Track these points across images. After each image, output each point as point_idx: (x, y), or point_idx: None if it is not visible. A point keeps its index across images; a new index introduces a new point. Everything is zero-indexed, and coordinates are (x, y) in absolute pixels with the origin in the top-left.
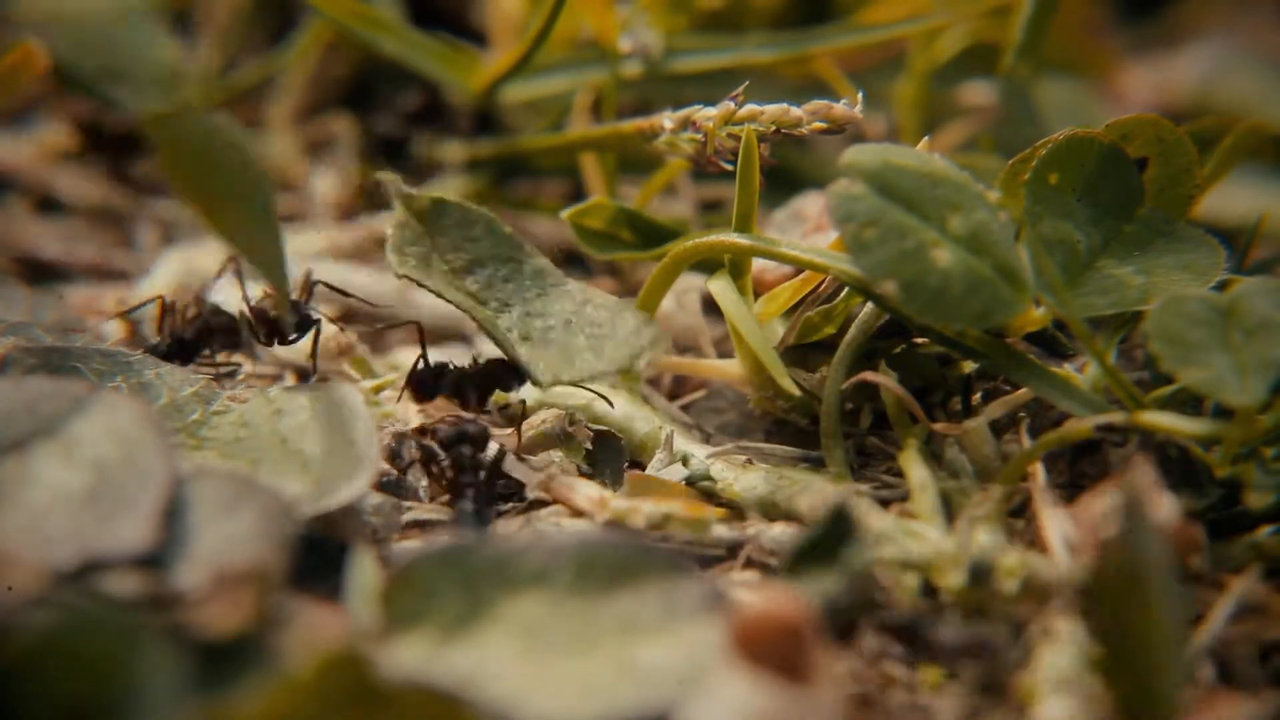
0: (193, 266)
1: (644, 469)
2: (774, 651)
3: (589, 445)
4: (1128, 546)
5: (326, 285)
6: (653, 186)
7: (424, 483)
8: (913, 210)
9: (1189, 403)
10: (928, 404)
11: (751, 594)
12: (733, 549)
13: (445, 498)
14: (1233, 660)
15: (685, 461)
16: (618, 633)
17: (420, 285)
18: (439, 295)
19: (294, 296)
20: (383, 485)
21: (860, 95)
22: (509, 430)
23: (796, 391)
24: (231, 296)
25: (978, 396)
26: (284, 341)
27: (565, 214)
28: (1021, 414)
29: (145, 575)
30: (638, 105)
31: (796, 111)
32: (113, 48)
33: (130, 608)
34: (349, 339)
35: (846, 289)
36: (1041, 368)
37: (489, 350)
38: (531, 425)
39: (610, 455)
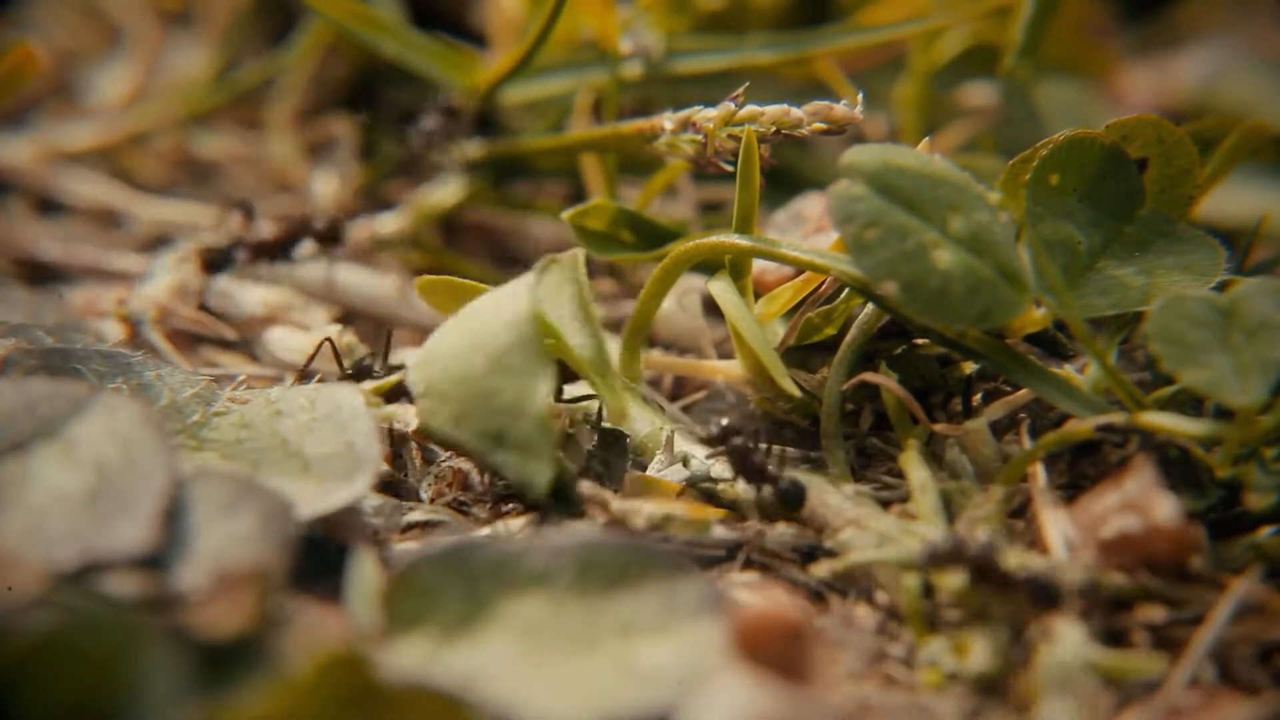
0: (192, 267)
1: (645, 470)
2: (774, 652)
3: (590, 446)
4: None
5: None
6: (653, 188)
7: (426, 484)
8: (913, 211)
9: (1190, 403)
10: (928, 405)
11: (751, 594)
12: (733, 549)
13: (446, 497)
14: (1233, 660)
15: (686, 462)
16: (618, 633)
17: None
18: None
19: None
20: (383, 486)
21: (861, 96)
22: None
23: (797, 392)
24: (235, 295)
25: (978, 397)
26: None
27: (566, 215)
28: (1022, 415)
29: (146, 576)
30: (638, 106)
31: (797, 112)
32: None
33: (131, 609)
34: (350, 340)
35: (847, 290)
36: (1042, 368)
37: None
38: None
39: (611, 456)
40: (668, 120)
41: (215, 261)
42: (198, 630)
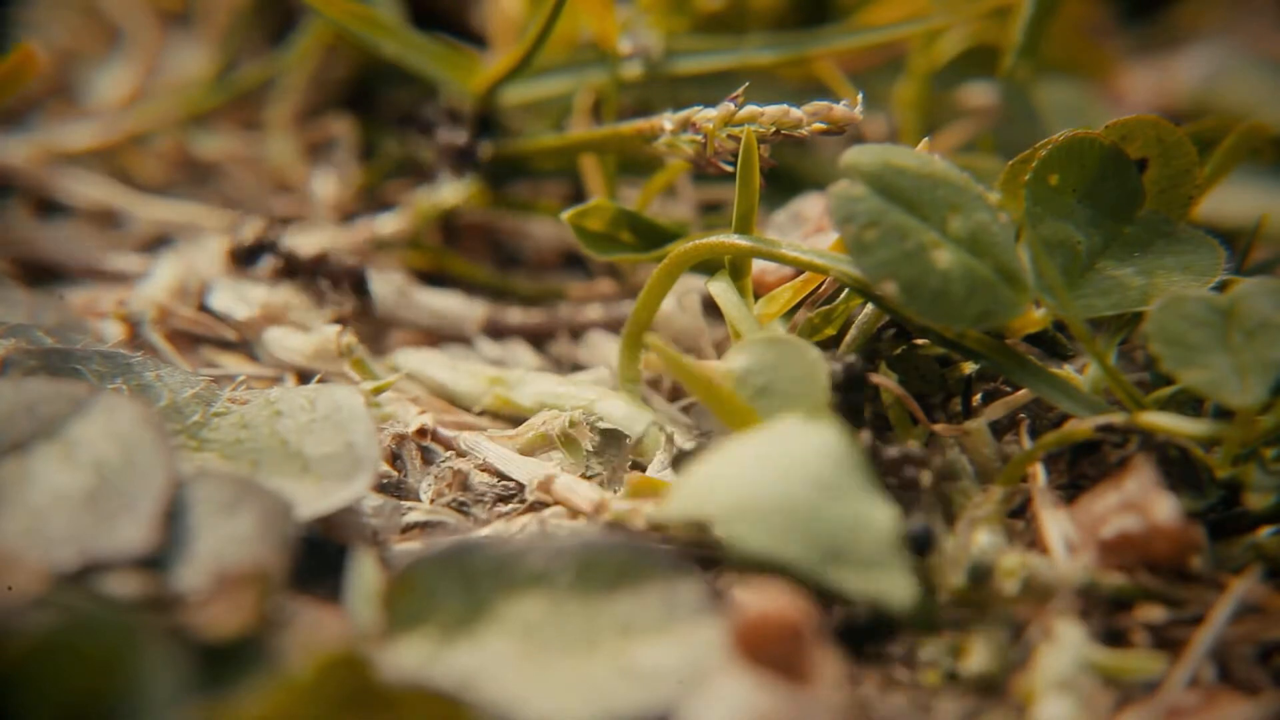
0: (192, 267)
1: (644, 470)
2: (774, 651)
3: (590, 446)
4: None
5: None
6: (653, 188)
7: (426, 484)
8: (913, 211)
9: (1189, 404)
10: (928, 405)
11: (751, 594)
12: None
13: (446, 497)
14: (1232, 660)
15: None
16: (618, 633)
17: None
18: None
19: None
20: (382, 486)
21: (860, 96)
22: (511, 432)
23: None
24: (229, 298)
25: (978, 397)
26: None
27: (566, 216)
28: (1021, 415)
29: (146, 576)
30: (638, 107)
31: (797, 113)
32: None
33: (131, 609)
34: (349, 340)
35: (847, 290)
36: (1042, 369)
37: (489, 353)
38: (532, 426)
39: (611, 456)
40: (667, 120)
41: (243, 256)
42: (198, 630)
